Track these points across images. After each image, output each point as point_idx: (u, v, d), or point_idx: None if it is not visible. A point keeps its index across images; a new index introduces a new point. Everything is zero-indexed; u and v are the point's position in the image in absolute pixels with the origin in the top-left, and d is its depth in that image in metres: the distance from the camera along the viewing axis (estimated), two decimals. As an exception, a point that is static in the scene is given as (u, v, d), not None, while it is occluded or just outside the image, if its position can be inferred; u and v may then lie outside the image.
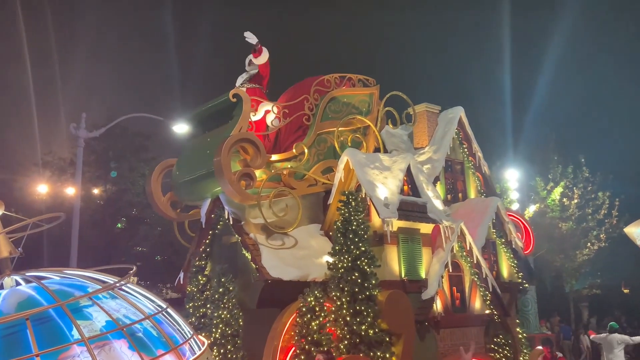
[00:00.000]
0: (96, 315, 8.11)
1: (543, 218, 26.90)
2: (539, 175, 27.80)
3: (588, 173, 29.23)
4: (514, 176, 24.88)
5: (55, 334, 6.12)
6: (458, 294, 13.96)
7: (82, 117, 20.70)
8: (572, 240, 28.54)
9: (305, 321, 10.99)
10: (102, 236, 27.51)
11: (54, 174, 27.90)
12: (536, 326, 23.06)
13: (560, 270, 29.66)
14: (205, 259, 13.53)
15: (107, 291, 9.52)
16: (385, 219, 12.39)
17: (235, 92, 12.70)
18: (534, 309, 23.49)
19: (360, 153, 13.48)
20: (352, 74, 15.21)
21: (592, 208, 29.02)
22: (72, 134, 20.37)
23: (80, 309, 7.97)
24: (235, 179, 11.84)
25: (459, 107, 17.15)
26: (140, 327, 9.31)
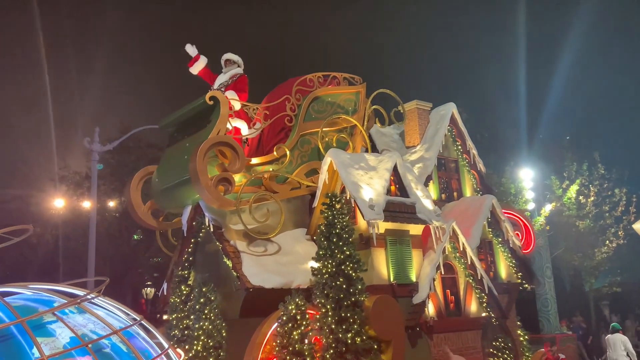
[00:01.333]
0: (60, 331, 7.63)
1: (560, 217, 26.29)
2: (554, 173, 27.19)
3: (604, 170, 28.54)
4: (528, 175, 24.37)
5: (14, 353, 5.75)
6: (452, 297, 13.39)
7: (96, 132, 20.60)
8: (590, 239, 27.87)
9: (286, 331, 10.48)
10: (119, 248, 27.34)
11: (70, 188, 27.86)
12: (556, 326, 22.51)
13: (579, 269, 29.02)
14: (188, 268, 13.07)
15: (75, 306, 9.07)
16: (371, 220, 11.88)
17: (212, 95, 12.24)
18: (554, 309, 22.98)
19: (345, 153, 12.99)
20: (336, 73, 14.73)
21: (609, 205, 28.33)
22: (87, 148, 20.36)
23: (43, 325, 7.52)
24: (212, 184, 11.38)
25: (451, 103, 16.63)
26: (108, 342, 8.83)
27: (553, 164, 28.61)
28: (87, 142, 20.61)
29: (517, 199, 24.29)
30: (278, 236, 12.70)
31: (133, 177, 13.38)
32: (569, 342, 21.12)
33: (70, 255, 26.39)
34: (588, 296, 29.64)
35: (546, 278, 23.37)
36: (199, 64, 13.80)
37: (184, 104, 12.81)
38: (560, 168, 28.27)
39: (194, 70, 13.90)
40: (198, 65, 13.80)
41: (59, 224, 26.66)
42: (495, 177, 25.08)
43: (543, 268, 23.47)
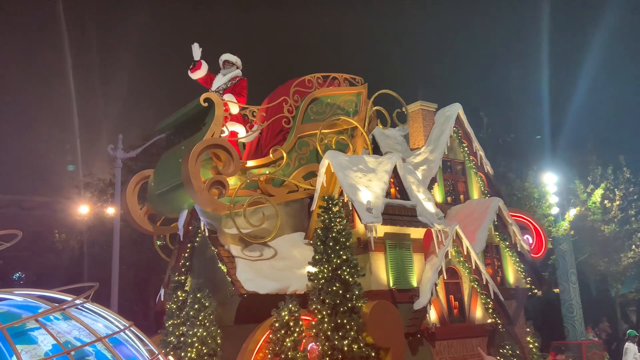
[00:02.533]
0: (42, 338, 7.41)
1: (584, 221, 25.59)
2: (578, 177, 26.58)
3: (629, 174, 27.82)
4: (552, 180, 23.55)
5: (-8, 361, 5.65)
6: (456, 303, 12.97)
7: (119, 139, 20.59)
8: (616, 243, 27.06)
9: (278, 338, 10.16)
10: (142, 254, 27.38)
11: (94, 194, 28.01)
12: (582, 332, 21.93)
13: (604, 274, 28.20)
14: (185, 273, 12.85)
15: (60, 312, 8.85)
16: (368, 224, 11.52)
17: (207, 97, 12.01)
18: (579, 314, 22.26)
19: (343, 155, 12.66)
20: (337, 73, 14.43)
21: (635, 209, 27.54)
22: (110, 154, 20.37)
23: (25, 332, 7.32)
24: (205, 187, 11.13)
25: (457, 103, 16.20)
26: (92, 350, 8.60)
27: (577, 168, 27.91)
28: (110, 149, 20.68)
29: (540, 204, 23.68)
30: (275, 240, 12.41)
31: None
32: (595, 349, 20.47)
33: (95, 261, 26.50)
34: (614, 302, 28.85)
35: (571, 283, 22.48)
36: (200, 72, 13.58)
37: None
38: (584, 172, 27.53)
39: (194, 76, 13.69)
40: (199, 73, 13.59)
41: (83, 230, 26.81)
42: (518, 182, 24.71)
43: (568, 273, 22.50)
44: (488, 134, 28.18)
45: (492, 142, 27.92)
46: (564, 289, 22.25)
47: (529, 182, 24.49)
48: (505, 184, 24.74)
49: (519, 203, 23.76)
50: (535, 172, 25.12)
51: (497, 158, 26.94)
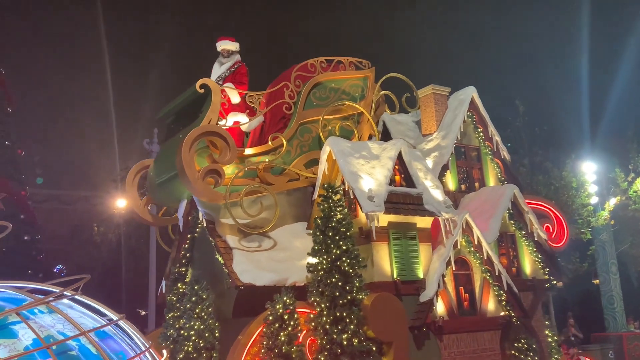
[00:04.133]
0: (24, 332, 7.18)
1: (625, 211, 24.51)
2: (619, 166, 25.57)
3: None
4: (591, 168, 23.15)
5: (-29, 355, 5.51)
6: (466, 295, 12.38)
7: (155, 132, 20.52)
8: None
9: (272, 331, 9.77)
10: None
11: None
12: (623, 324, 21.28)
13: None
14: (185, 265, 12.54)
15: (45, 306, 8.56)
16: (369, 213, 11.01)
17: (203, 83, 11.63)
18: (620, 306, 21.91)
19: (345, 141, 12.15)
20: (342, 57, 13.89)
21: None
22: (146, 149, 20.33)
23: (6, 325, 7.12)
24: (199, 176, 10.78)
25: (471, 87, 15.48)
26: (76, 344, 8.30)
27: (617, 156, 26.77)
28: (146, 143, 20.61)
29: (579, 193, 23.00)
30: (275, 231, 12.02)
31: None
32: (637, 341, 20.00)
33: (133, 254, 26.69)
34: (657, 293, 27.81)
35: (611, 274, 22.17)
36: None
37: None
38: (625, 160, 26.36)
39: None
40: None
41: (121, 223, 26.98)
42: (555, 171, 23.98)
43: (608, 264, 22.29)
44: (524, 122, 27.22)
45: (528, 130, 27.00)
46: (604, 280, 22.18)
47: (567, 171, 23.76)
48: (543, 173, 24.10)
49: (556, 192, 23.13)
50: (573, 161, 24.40)
51: (534, 147, 26.35)
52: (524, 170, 24.87)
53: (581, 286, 27.06)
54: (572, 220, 22.72)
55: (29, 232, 18.14)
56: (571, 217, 22.81)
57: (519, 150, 26.53)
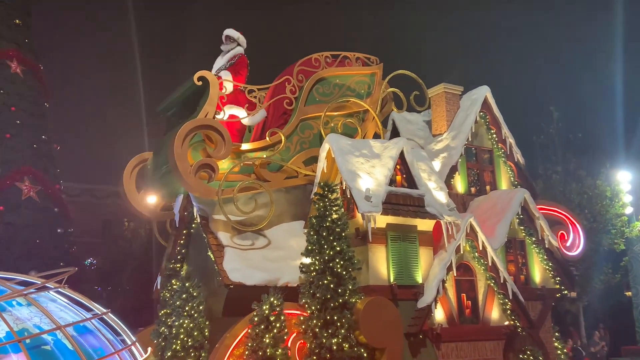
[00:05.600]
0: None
1: None
2: None
3: None
4: (626, 178, 22.50)
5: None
6: (469, 302, 11.89)
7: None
8: None
9: (257, 333, 9.42)
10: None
11: None
12: None
13: None
14: (180, 261, 12.31)
15: (23, 298, 8.33)
16: (366, 213, 10.58)
17: (201, 75, 11.35)
18: None
19: (345, 139, 11.75)
20: (348, 52, 13.47)
21: None
22: None
23: None
24: (191, 170, 10.50)
25: (484, 86, 14.92)
26: (51, 338, 8.06)
27: None
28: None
29: (613, 203, 22.48)
30: (271, 229, 11.69)
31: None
32: None
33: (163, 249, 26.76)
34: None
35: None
36: None
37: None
38: None
39: None
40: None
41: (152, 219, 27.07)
42: (589, 180, 23.37)
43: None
44: (558, 128, 26.55)
45: (562, 137, 26.35)
46: (637, 292, 21.69)
47: (601, 180, 23.18)
48: (576, 182, 23.51)
49: (590, 201, 22.65)
50: (608, 170, 23.74)
51: (567, 155, 25.71)
52: (557, 178, 24.26)
53: (613, 298, 26.36)
54: (605, 231, 22.59)
55: (62, 225, 18.28)
56: (605, 227, 22.54)
57: (552, 158, 26.04)
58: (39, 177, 17.77)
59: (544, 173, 25.34)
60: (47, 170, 18.27)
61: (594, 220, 22.63)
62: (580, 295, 23.11)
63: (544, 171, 25.49)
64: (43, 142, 18.56)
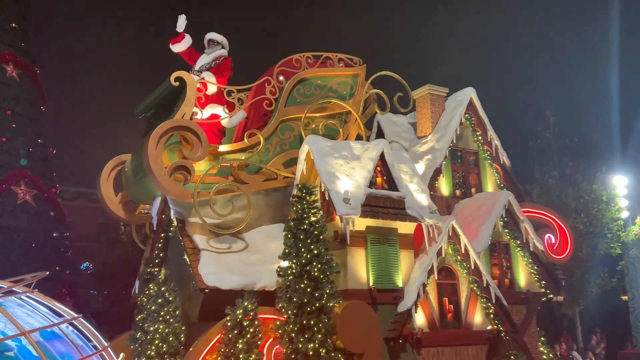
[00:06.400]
0: None
1: None
2: None
3: None
4: (622, 182, 22.72)
5: None
6: (451, 306, 11.69)
7: None
8: None
9: (230, 339, 9.20)
10: None
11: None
12: None
13: None
14: (159, 265, 12.06)
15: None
16: (344, 216, 10.39)
17: (178, 76, 11.17)
18: None
19: (325, 140, 11.57)
20: (330, 53, 13.31)
21: None
22: None
23: None
24: (166, 172, 10.31)
25: (470, 88, 14.77)
26: (15, 344, 7.88)
27: None
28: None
29: (609, 207, 22.48)
30: (250, 232, 11.49)
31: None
32: None
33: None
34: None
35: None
36: (181, 45, 12.68)
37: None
38: None
39: (175, 48, 12.74)
40: (180, 46, 12.69)
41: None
42: (585, 184, 23.38)
43: (637, 280, 21.82)
44: (555, 133, 26.56)
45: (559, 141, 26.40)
46: (633, 296, 21.81)
47: (597, 184, 23.18)
48: (572, 186, 23.52)
49: (586, 206, 22.66)
50: (604, 174, 23.84)
51: (564, 159, 25.79)
52: (554, 182, 24.29)
53: (609, 302, 26.50)
54: (601, 235, 22.56)
55: (58, 228, 18.14)
56: (601, 231, 22.52)
57: (549, 162, 26.14)
58: (35, 181, 17.66)
59: (541, 177, 25.43)
60: (43, 174, 18.13)
61: (590, 225, 22.69)
62: (577, 300, 23.22)
63: (541, 175, 25.59)
64: (39, 146, 18.46)
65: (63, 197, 19.90)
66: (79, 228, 27.03)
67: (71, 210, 23.99)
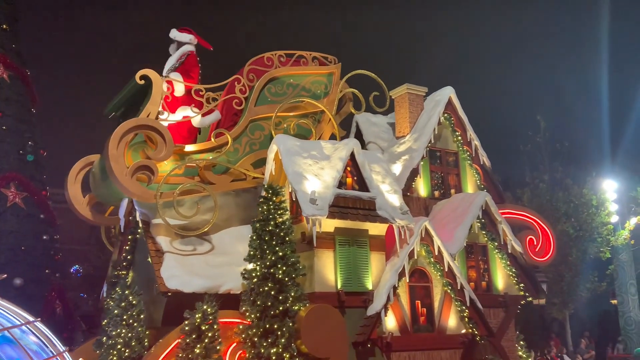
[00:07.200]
0: None
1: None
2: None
3: None
4: (612, 186, 22.71)
5: None
6: (423, 310, 11.40)
7: None
8: None
9: (188, 343, 8.93)
10: None
11: None
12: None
13: None
14: (126, 268, 11.81)
15: None
16: (310, 217, 10.13)
17: (143, 74, 10.94)
18: (638, 327, 21.42)
19: (294, 140, 11.30)
20: (304, 52, 13.06)
21: None
22: None
23: None
24: (128, 172, 10.07)
25: (448, 87, 14.50)
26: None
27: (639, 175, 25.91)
28: None
29: (599, 212, 22.47)
30: (218, 234, 11.25)
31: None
32: None
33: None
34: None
35: (630, 295, 21.79)
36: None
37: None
38: None
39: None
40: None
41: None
42: (575, 188, 23.37)
43: (627, 285, 21.90)
44: (545, 137, 26.52)
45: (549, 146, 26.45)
46: (623, 300, 21.90)
47: (587, 189, 23.17)
48: (563, 190, 23.54)
49: (576, 210, 22.70)
50: (594, 179, 23.81)
51: (554, 163, 25.84)
52: (544, 187, 24.33)
53: (599, 306, 26.62)
54: (591, 239, 22.56)
55: (48, 231, 17.93)
56: (590, 235, 22.53)
57: (539, 166, 26.19)
58: (25, 183, 17.45)
59: (532, 182, 25.54)
60: (34, 177, 17.92)
61: (580, 229, 22.73)
62: (567, 304, 23.21)
63: (532, 180, 25.69)
64: (29, 148, 18.25)
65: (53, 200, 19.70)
66: (69, 231, 26.78)
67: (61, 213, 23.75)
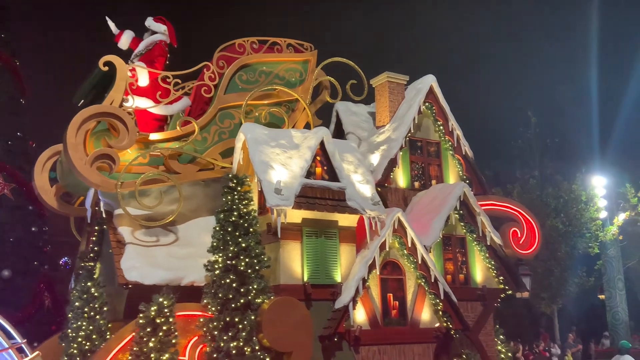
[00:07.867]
0: None
1: (634, 227, 24.18)
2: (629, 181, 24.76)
3: None
4: (601, 183, 23.03)
5: None
6: (396, 303, 11.10)
7: None
8: None
9: (141, 337, 8.66)
10: None
11: None
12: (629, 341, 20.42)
13: None
14: (93, 259, 11.53)
15: None
16: (274, 207, 9.82)
17: (107, 60, 10.62)
18: (626, 322, 21.75)
19: (262, 128, 10.99)
20: (278, 38, 12.69)
21: None
22: None
23: None
24: (87, 161, 9.78)
25: (430, 75, 14.12)
26: None
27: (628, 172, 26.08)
28: None
29: (588, 207, 22.82)
30: (184, 224, 10.99)
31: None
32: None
33: None
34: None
35: (617, 290, 22.22)
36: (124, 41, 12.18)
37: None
38: (635, 176, 25.59)
39: (122, 45, 12.27)
40: (124, 42, 12.18)
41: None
42: (565, 184, 23.68)
43: (615, 280, 22.33)
44: (536, 133, 26.56)
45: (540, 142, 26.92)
46: (610, 295, 22.26)
47: (576, 185, 23.51)
48: (552, 186, 23.94)
49: (565, 205, 23.02)
50: (583, 175, 24.19)
51: (545, 159, 26.39)
52: (534, 182, 24.63)
53: (587, 301, 26.85)
54: (580, 234, 22.93)
55: (37, 223, 17.70)
56: (579, 230, 22.88)
57: (530, 162, 26.50)
58: (13, 174, 17.22)
59: (522, 177, 25.82)
60: (22, 168, 17.68)
61: (569, 224, 22.99)
62: (555, 298, 23.16)
63: (522, 175, 25.97)
64: (18, 139, 18.02)
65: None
66: (58, 223, 26.54)
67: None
